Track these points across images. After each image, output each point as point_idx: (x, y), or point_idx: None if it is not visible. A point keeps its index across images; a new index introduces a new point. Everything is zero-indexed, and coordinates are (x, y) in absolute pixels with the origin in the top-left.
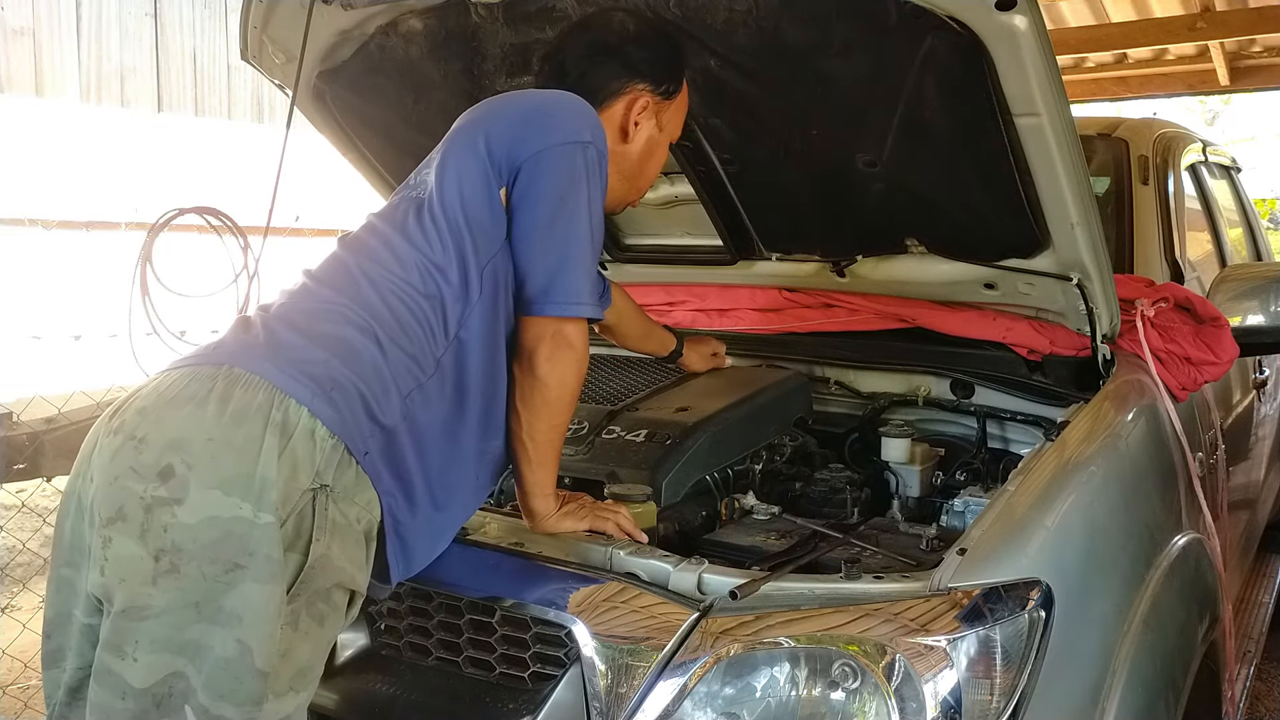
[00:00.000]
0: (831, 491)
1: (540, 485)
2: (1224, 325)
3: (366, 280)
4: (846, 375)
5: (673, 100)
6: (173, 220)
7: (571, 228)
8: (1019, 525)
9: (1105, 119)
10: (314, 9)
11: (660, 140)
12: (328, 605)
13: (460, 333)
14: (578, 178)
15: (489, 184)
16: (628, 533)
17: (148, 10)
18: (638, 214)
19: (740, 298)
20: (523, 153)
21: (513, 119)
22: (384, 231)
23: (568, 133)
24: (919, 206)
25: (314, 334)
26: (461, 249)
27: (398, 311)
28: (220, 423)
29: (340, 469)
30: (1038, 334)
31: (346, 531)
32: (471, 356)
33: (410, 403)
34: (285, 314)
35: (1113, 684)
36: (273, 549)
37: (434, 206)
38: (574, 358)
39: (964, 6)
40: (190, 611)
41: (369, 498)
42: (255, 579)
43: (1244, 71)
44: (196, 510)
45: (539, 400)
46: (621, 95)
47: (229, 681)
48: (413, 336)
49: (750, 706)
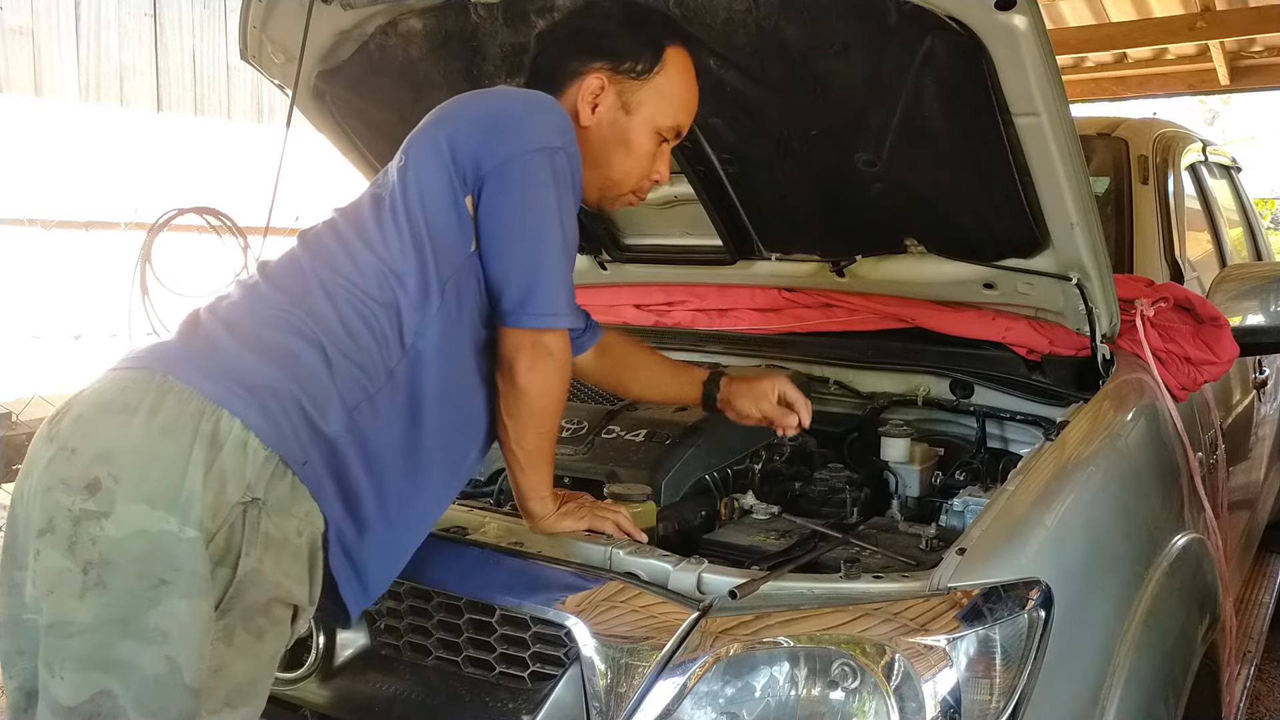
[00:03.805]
0: (831, 491)
1: (536, 489)
2: (1224, 325)
3: (320, 285)
4: (846, 375)
5: (645, 79)
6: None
7: (543, 239)
8: (1018, 525)
9: (1105, 119)
10: (314, 9)
11: (632, 125)
12: (266, 620)
13: (417, 343)
14: (546, 186)
15: (453, 190)
16: (627, 532)
17: (147, 10)
18: (637, 214)
19: (740, 298)
20: (488, 161)
21: (477, 122)
22: (345, 232)
23: (535, 138)
24: (918, 206)
25: (254, 341)
26: (422, 256)
27: (348, 320)
28: (148, 434)
29: (274, 481)
30: (1037, 334)
31: (282, 545)
32: (428, 368)
33: (358, 415)
34: (230, 316)
35: (1113, 684)
36: (198, 564)
37: (396, 210)
38: (555, 366)
39: (964, 6)
40: (116, 628)
41: (308, 509)
42: (181, 594)
43: (1244, 71)
44: (123, 524)
45: (524, 410)
46: (575, 77)
47: (159, 699)
48: (362, 345)
49: (750, 706)
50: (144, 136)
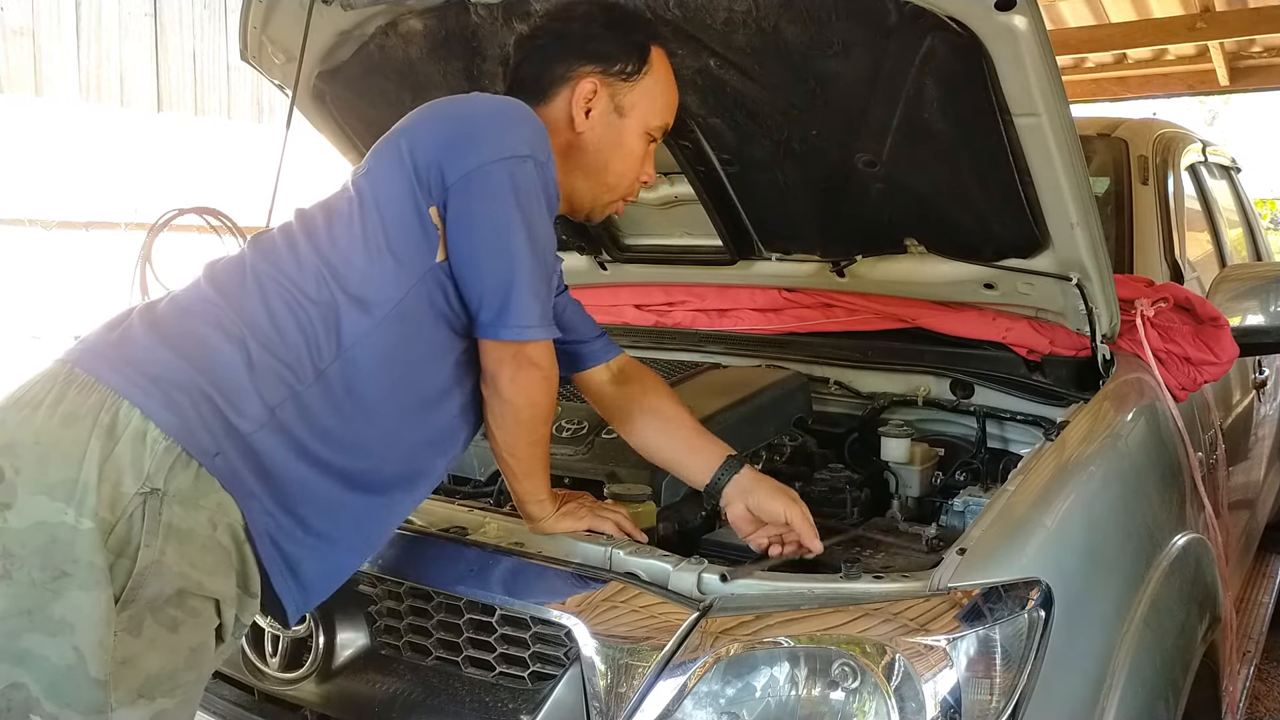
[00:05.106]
0: (831, 491)
1: (533, 492)
2: (1224, 325)
3: (256, 282)
4: (846, 375)
5: (635, 80)
6: (172, 220)
7: (513, 252)
8: (1019, 525)
9: (1105, 119)
10: (314, 9)
11: (626, 127)
12: (180, 611)
13: (356, 346)
14: (513, 197)
15: (415, 200)
16: (627, 532)
17: (147, 10)
18: (638, 214)
19: (740, 298)
20: (453, 172)
21: (442, 132)
22: (295, 233)
23: (501, 148)
24: (918, 206)
25: (170, 333)
26: (376, 262)
27: (278, 316)
28: (49, 425)
29: (175, 472)
30: (1037, 334)
31: (189, 536)
32: (370, 372)
33: (281, 412)
34: (157, 311)
35: (1112, 684)
36: (95, 555)
37: (353, 215)
38: (539, 376)
39: (964, 6)
40: (24, 619)
41: (219, 501)
42: (80, 586)
43: (1244, 71)
44: (25, 515)
45: (512, 421)
46: (566, 81)
47: (70, 690)
48: (290, 343)
49: (750, 706)
50: (144, 136)
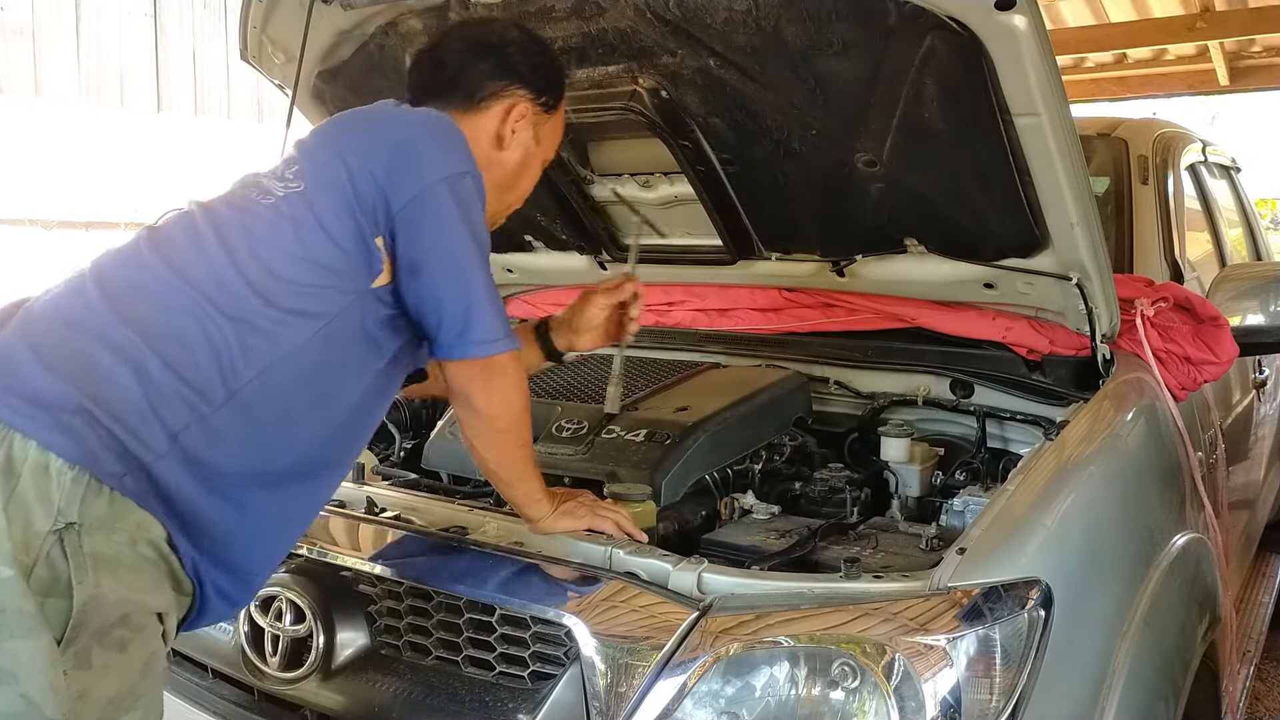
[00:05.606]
0: (831, 491)
1: (528, 495)
2: (1224, 325)
3: (159, 293)
4: (846, 375)
5: (552, 115)
6: None
7: (467, 271)
8: (1018, 525)
9: (1105, 119)
10: (314, 9)
11: (536, 155)
12: (127, 630)
13: (275, 368)
14: (459, 214)
15: (356, 223)
16: (627, 532)
17: (147, 10)
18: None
19: (740, 298)
20: (398, 198)
21: (380, 153)
22: (205, 238)
23: (442, 167)
24: (918, 206)
25: (54, 352)
26: (303, 281)
27: (187, 334)
28: None
29: (88, 500)
30: (1037, 334)
31: (117, 562)
32: (287, 394)
33: (186, 437)
34: (35, 322)
35: (1112, 683)
36: (22, 602)
37: (281, 226)
38: (511, 383)
39: (964, 6)
40: None
41: (138, 520)
42: (14, 635)
43: (1244, 71)
44: None
45: (492, 432)
46: (500, 98)
47: None
48: (199, 362)
49: (750, 706)
50: (144, 136)
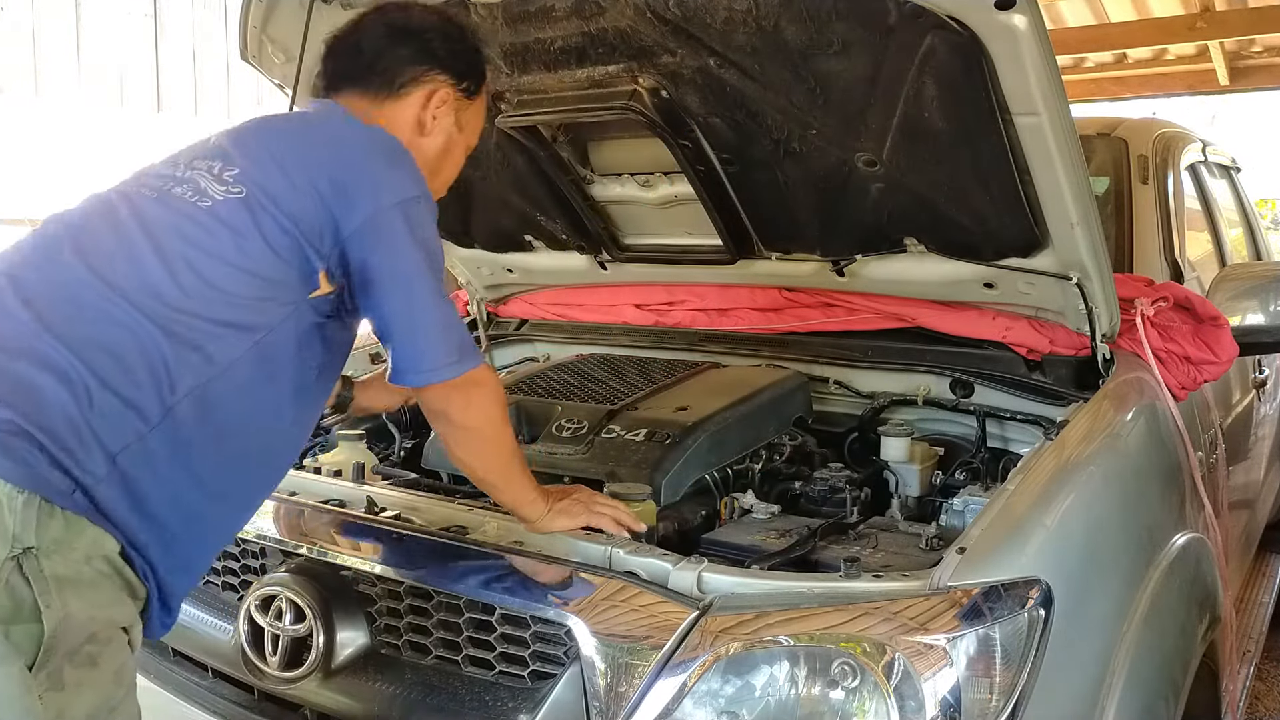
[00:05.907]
0: (831, 491)
1: (521, 497)
2: (1223, 325)
3: (89, 303)
4: (846, 375)
5: (473, 101)
6: None
7: (425, 299)
8: (1018, 524)
9: (1105, 119)
10: (314, 9)
11: (459, 141)
12: (95, 645)
13: (214, 382)
14: (411, 240)
15: (298, 240)
16: (625, 526)
17: (147, 10)
18: (638, 214)
19: (740, 297)
20: (348, 222)
21: (325, 170)
22: (136, 242)
23: (394, 191)
24: (918, 206)
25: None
26: (242, 294)
27: (121, 348)
28: None
29: (43, 523)
30: (1037, 333)
31: (78, 581)
32: (223, 409)
33: (125, 458)
34: None
35: (1112, 683)
36: None
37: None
38: (488, 392)
39: (964, 6)
40: None
41: (93, 535)
42: None
43: (1244, 71)
44: None
45: (476, 443)
46: (420, 84)
47: None
48: (137, 380)
49: (750, 705)
50: (144, 136)
